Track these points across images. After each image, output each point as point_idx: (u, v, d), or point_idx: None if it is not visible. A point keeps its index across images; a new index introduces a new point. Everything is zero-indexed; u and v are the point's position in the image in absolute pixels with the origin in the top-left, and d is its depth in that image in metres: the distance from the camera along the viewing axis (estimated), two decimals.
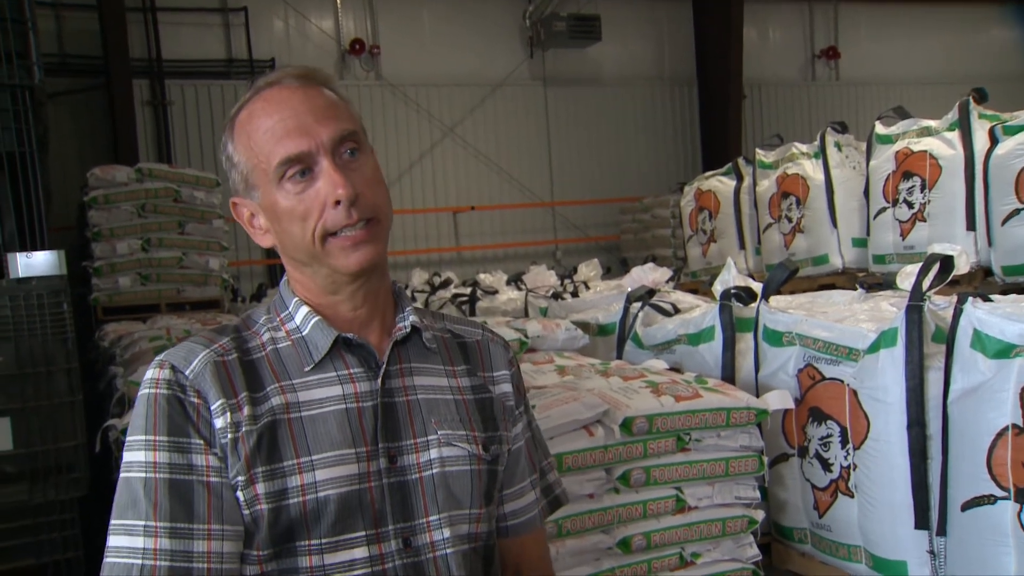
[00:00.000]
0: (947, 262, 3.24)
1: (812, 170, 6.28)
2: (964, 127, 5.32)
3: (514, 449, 1.25)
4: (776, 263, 6.41)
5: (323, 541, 1.09)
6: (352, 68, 9.73)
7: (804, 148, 6.47)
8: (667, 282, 5.14)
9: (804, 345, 3.61)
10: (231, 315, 5.73)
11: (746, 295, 4.01)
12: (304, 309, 1.16)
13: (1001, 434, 2.83)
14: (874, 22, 12.62)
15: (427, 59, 9.82)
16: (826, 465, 3.49)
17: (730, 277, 4.28)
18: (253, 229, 1.21)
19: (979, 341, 2.98)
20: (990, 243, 4.99)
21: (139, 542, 1.06)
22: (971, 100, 5.39)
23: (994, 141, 5.05)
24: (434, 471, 1.14)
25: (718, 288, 4.24)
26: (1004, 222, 4.87)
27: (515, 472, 1.26)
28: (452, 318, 1.30)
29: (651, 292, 4.68)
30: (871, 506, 3.31)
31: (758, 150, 7.04)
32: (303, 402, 1.12)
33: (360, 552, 1.09)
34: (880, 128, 5.86)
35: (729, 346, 3.94)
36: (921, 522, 3.17)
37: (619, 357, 4.38)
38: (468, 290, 5.80)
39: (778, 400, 3.46)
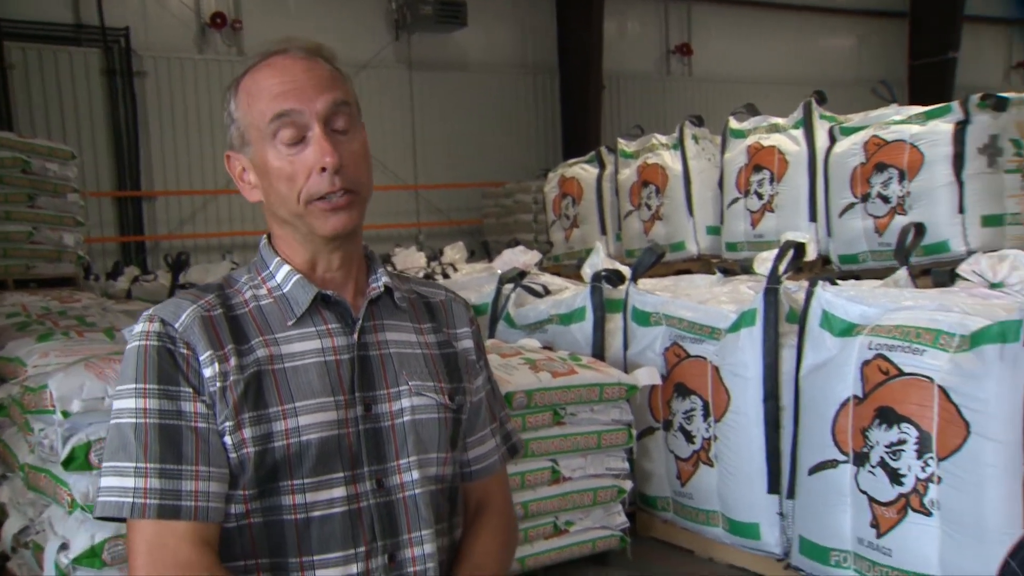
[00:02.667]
0: (800, 248, 3.53)
1: (671, 161, 6.57)
2: (808, 126, 5.72)
3: (475, 400, 1.34)
4: (636, 248, 6.72)
5: (305, 481, 1.16)
6: (213, 42, 9.38)
7: (664, 139, 6.76)
8: (535, 265, 5.30)
9: (670, 325, 3.84)
10: (89, 293, 5.49)
11: (615, 278, 4.21)
12: (285, 268, 1.22)
13: (844, 404, 3.12)
14: (724, 23, 13.29)
15: (291, 36, 9.56)
16: (689, 437, 3.74)
17: (599, 260, 4.48)
18: (242, 183, 1.27)
19: (827, 321, 3.27)
20: (829, 234, 5.39)
21: (130, 482, 1.11)
22: (813, 101, 5.82)
23: (833, 140, 5.47)
24: (405, 419, 1.22)
25: (587, 271, 4.43)
26: (841, 214, 5.27)
27: (476, 421, 1.35)
28: (417, 280, 1.38)
29: (522, 274, 4.82)
30: (729, 474, 3.58)
31: (620, 140, 7.32)
32: (285, 354, 1.19)
33: (338, 491, 1.17)
34: (733, 123, 6.22)
35: (600, 326, 4.14)
36: (773, 487, 3.46)
37: (491, 336, 4.50)
38: None
39: (646, 376, 3.67)
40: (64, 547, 2.18)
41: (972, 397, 2.74)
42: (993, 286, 3.07)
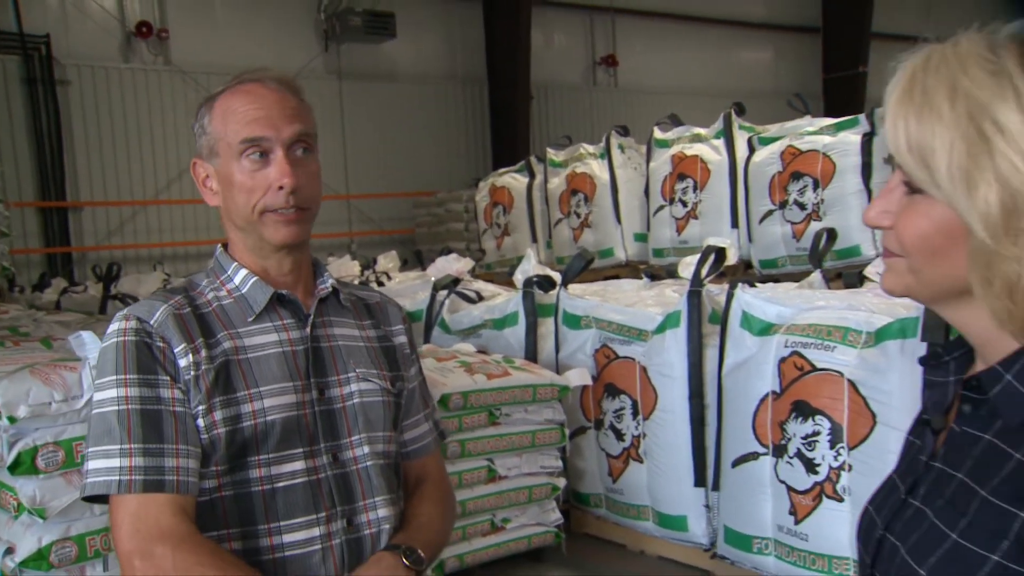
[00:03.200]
0: (721, 253, 3.72)
1: (598, 170, 6.76)
2: (728, 136, 5.98)
3: (411, 387, 1.51)
4: (566, 255, 6.89)
5: (270, 456, 1.32)
6: (139, 52, 9.23)
7: (591, 149, 6.95)
8: (468, 272, 5.41)
9: (600, 328, 4.00)
10: (15, 304, 5.40)
11: (547, 283, 4.35)
12: (243, 271, 1.35)
13: (763, 399, 3.31)
14: (648, 35, 13.62)
15: (219, 46, 9.50)
16: (619, 435, 3.89)
17: (530, 267, 4.61)
18: (204, 188, 1.42)
19: (747, 321, 3.46)
20: (750, 239, 5.64)
21: (116, 462, 1.23)
22: (733, 112, 6.08)
23: (752, 150, 5.73)
24: (355, 401, 1.39)
25: (519, 277, 4.56)
26: (761, 221, 5.53)
27: (412, 406, 1.52)
28: (353, 285, 1.52)
29: (456, 281, 4.93)
30: (658, 469, 3.74)
31: (549, 149, 7.49)
32: (248, 346, 1.34)
33: (299, 464, 1.33)
34: (658, 133, 6.44)
35: (532, 330, 4.27)
36: (699, 480, 3.63)
37: (427, 342, 4.59)
38: None
39: (578, 377, 3.81)
40: (10, 551, 2.20)
41: (878, 389, 2.95)
42: None
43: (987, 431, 0.79)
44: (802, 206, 5.23)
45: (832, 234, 4.41)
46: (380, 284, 5.85)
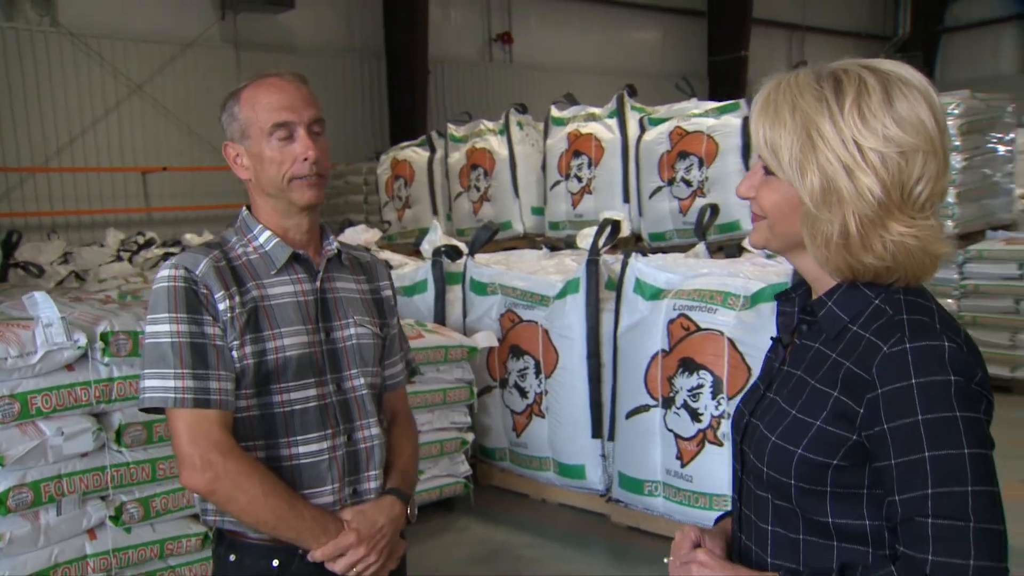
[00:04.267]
0: (617, 225, 4.06)
1: (497, 145, 7.00)
2: (620, 116, 6.30)
3: (392, 333, 1.77)
4: (466, 227, 7.14)
5: (288, 384, 1.58)
6: (23, 11, 8.81)
7: (491, 125, 7.18)
8: (375, 243, 5.60)
9: (505, 294, 4.29)
10: None
11: (454, 253, 4.62)
12: (267, 232, 1.58)
13: (654, 357, 3.68)
14: (542, 12, 13.89)
15: (111, 9, 9.18)
16: (523, 393, 4.20)
17: (437, 237, 4.87)
18: (236, 165, 1.64)
19: (639, 287, 3.81)
20: (640, 214, 5.99)
21: (170, 383, 1.50)
22: (625, 94, 6.42)
23: (643, 129, 6.07)
24: (353, 342, 1.66)
25: (427, 247, 4.81)
26: (651, 196, 5.88)
27: (392, 348, 1.79)
28: (351, 246, 1.75)
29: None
30: (558, 423, 4.07)
31: (449, 125, 7.69)
32: (271, 295, 1.59)
33: (311, 391, 1.60)
34: (555, 111, 6.73)
35: (440, 296, 4.53)
36: (596, 432, 3.98)
37: None
38: (178, 249, 5.85)
39: (485, 339, 4.11)
40: None
41: (753, 346, 3.35)
42: (769, 256, 3.69)
43: (816, 341, 1.13)
44: (688, 183, 5.60)
45: (715, 209, 4.82)
46: None
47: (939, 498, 1.00)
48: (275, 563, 1.59)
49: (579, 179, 6.34)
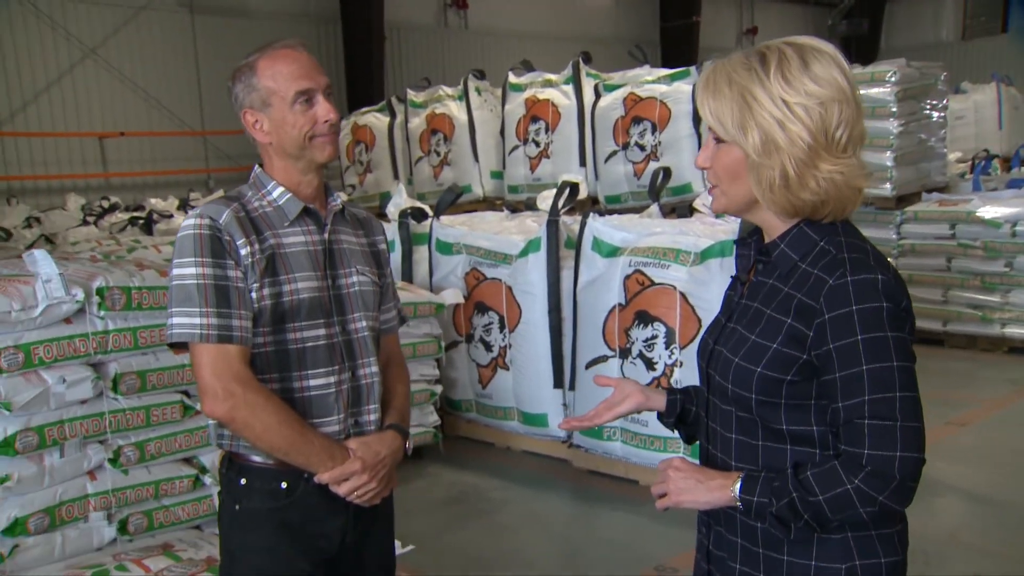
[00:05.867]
0: (575, 187, 4.27)
1: (457, 111, 7.14)
2: (576, 82, 6.48)
3: (386, 282, 1.98)
4: (427, 191, 7.30)
5: (301, 323, 1.76)
6: None
7: (450, 91, 7.32)
8: None
9: (469, 253, 4.49)
10: None
11: (419, 215, 4.80)
12: (280, 188, 1.75)
13: (611, 311, 3.92)
14: None
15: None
16: (488, 347, 4.43)
17: (402, 200, 5.04)
18: (255, 130, 1.78)
19: (597, 245, 4.04)
20: (596, 177, 6.20)
21: (196, 320, 1.66)
22: (581, 60, 6.60)
23: (598, 95, 6.27)
24: (355, 289, 1.84)
25: (392, 210, 4.98)
26: (606, 160, 6.09)
27: (386, 296, 1.99)
28: (351, 204, 1.93)
29: None
30: (521, 375, 4.31)
31: (409, 90, 7.81)
32: (285, 243, 1.75)
33: (321, 331, 1.77)
34: (512, 78, 6.90)
35: (407, 256, 4.72)
36: (557, 382, 4.22)
37: None
38: (144, 213, 5.93)
39: (451, 296, 4.31)
40: None
41: (702, 299, 3.60)
42: (718, 216, 3.94)
43: (770, 278, 1.36)
44: (642, 148, 5.82)
45: (668, 173, 5.06)
46: None
47: (873, 403, 1.22)
48: (283, 485, 1.76)
49: (537, 144, 6.52)
